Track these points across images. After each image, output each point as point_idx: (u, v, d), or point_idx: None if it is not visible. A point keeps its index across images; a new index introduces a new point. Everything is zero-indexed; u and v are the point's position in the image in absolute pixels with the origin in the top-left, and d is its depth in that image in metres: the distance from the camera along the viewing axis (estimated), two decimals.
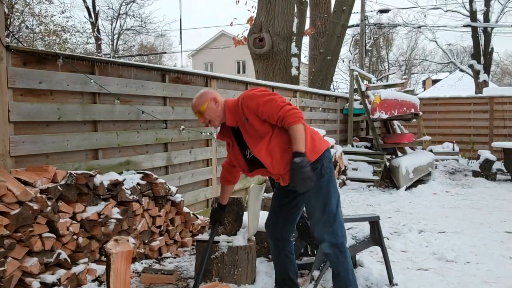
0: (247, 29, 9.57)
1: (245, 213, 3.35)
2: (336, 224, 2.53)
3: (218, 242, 3.14)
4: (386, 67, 32.05)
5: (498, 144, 9.02)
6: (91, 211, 3.17)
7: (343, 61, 20.80)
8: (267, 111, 2.43)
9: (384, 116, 7.76)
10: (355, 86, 8.06)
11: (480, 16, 17.63)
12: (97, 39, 24.61)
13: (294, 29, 8.74)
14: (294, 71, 8.66)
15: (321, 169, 2.51)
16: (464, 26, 18.09)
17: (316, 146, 2.53)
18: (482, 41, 17.39)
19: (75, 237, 3.05)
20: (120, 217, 3.35)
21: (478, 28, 17.27)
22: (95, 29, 24.35)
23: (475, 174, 8.82)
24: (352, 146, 8.67)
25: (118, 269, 2.28)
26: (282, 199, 2.77)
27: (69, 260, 2.95)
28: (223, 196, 2.99)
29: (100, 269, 3.15)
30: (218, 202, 3.01)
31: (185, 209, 4.11)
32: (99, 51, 23.96)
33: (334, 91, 16.02)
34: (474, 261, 3.82)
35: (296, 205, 2.77)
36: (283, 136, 2.47)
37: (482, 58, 17.21)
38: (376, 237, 3.37)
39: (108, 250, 2.30)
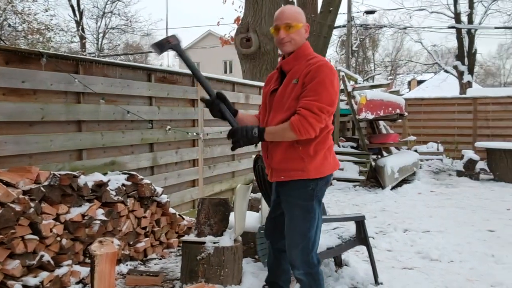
0: (234, 29, 9.57)
1: (232, 214, 3.34)
2: (313, 252, 2.35)
3: (204, 243, 3.12)
4: (372, 68, 32.36)
5: (481, 144, 9.17)
6: (75, 213, 3.12)
7: (330, 61, 20.92)
8: (307, 90, 2.16)
9: (370, 117, 7.82)
10: (342, 87, 8.10)
11: (464, 18, 17.93)
12: (82, 38, 24.32)
13: None
14: None
15: (314, 190, 2.28)
16: (449, 27, 18.37)
17: (324, 166, 2.28)
18: (466, 43, 17.69)
19: (58, 238, 3.00)
20: (105, 218, 3.32)
21: (462, 30, 17.55)
22: (80, 28, 24.05)
23: (459, 173, 8.96)
24: (339, 146, 8.72)
25: (102, 271, 2.25)
26: (276, 209, 2.54)
27: (52, 262, 2.90)
28: (246, 115, 2.56)
29: (84, 271, 3.10)
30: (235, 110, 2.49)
31: (171, 210, 4.08)
32: (83, 50, 23.68)
33: None
34: (458, 260, 3.87)
35: None
36: None
37: (466, 59, 17.50)
38: (361, 237, 3.40)
39: (92, 252, 2.27)
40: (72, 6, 24.24)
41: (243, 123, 2.43)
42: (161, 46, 2.44)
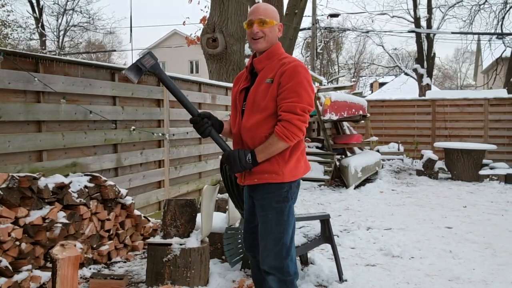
0: (200, 29, 9.50)
1: (199, 215, 3.33)
2: (288, 258, 2.24)
3: (170, 244, 3.09)
4: (336, 70, 32.99)
5: (440, 144, 9.54)
6: (35, 216, 3.02)
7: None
8: (287, 91, 2.11)
9: (334, 118, 7.97)
10: None
11: (423, 23, 18.59)
12: (42, 35, 23.46)
13: None
14: None
15: (288, 192, 2.24)
16: (409, 31, 19.00)
17: (297, 169, 2.26)
18: (425, 47, 18.34)
19: (17, 243, 2.89)
20: (67, 221, 3.22)
21: (422, 34, 18.20)
22: (39, 25, 23.19)
23: (419, 173, 9.28)
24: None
25: (65, 275, 2.19)
26: (251, 220, 2.42)
27: (10, 267, 2.78)
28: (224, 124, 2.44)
29: (45, 276, 3.00)
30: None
31: (136, 212, 4.01)
32: (43, 47, 22.83)
33: None
34: (418, 256, 4.02)
35: None
36: (274, 121, 2.18)
37: (425, 62, 18.14)
38: (326, 235, 3.46)
39: (54, 256, 2.20)
40: (30, 2, 23.32)
41: (225, 133, 2.41)
42: (138, 70, 2.24)
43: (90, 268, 3.47)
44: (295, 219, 2.34)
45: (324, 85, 11.15)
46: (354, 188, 7.64)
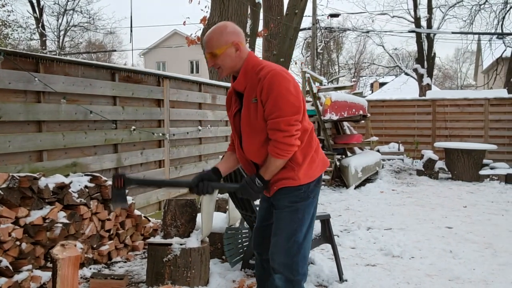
0: (200, 29, 9.51)
1: (199, 215, 3.33)
2: (298, 257, 2.17)
3: (170, 244, 3.09)
4: (337, 70, 32.98)
5: (440, 144, 9.53)
6: (35, 216, 3.02)
7: (296, 63, 21.17)
8: (268, 108, 2.04)
9: (335, 118, 7.97)
10: (307, 88, 8.22)
11: (423, 23, 18.57)
12: (42, 35, 23.45)
13: (248, 30, 8.78)
14: None
15: (306, 192, 2.20)
16: (409, 31, 18.97)
17: (313, 170, 2.21)
18: (425, 47, 18.32)
19: (18, 243, 2.89)
20: (67, 221, 3.22)
21: (422, 34, 18.18)
22: (40, 25, 23.18)
23: (419, 173, 9.28)
24: None
25: (65, 275, 2.19)
26: (267, 218, 2.38)
27: (11, 267, 2.79)
28: (224, 162, 2.36)
29: (46, 275, 3.00)
30: (214, 167, 2.32)
31: (136, 212, 4.02)
32: (44, 48, 22.82)
33: None
34: (418, 256, 4.01)
35: None
36: None
37: (425, 62, 18.12)
38: (327, 235, 3.46)
39: (54, 255, 2.20)
40: (31, 2, 23.31)
41: (230, 170, 2.39)
42: (120, 195, 2.18)
43: (90, 268, 3.48)
44: (313, 223, 2.29)
45: (325, 85, 11.14)
46: (355, 188, 7.64)
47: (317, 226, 3.56)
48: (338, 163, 8.09)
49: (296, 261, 2.17)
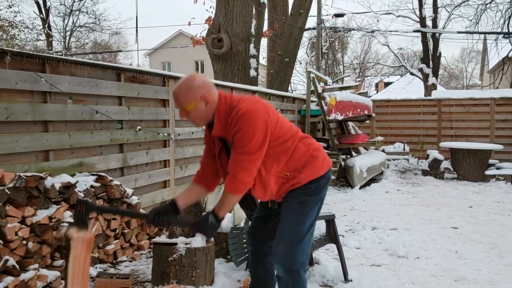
0: (205, 29, 9.52)
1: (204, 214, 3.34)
2: (299, 247, 2.24)
3: (175, 244, 3.10)
4: (341, 70, 32.88)
5: (446, 144, 9.49)
6: (42, 215, 3.05)
7: (301, 63, 21.14)
8: (236, 142, 2.10)
9: (340, 117, 7.96)
10: (312, 88, 8.22)
11: (429, 22, 18.49)
12: (48, 35, 23.59)
13: (253, 30, 8.79)
14: (252, 72, 8.70)
15: (313, 190, 2.28)
16: (414, 31, 18.90)
17: (317, 169, 2.27)
18: (431, 46, 18.23)
19: (24, 242, 2.92)
20: (73, 221, 3.24)
21: (427, 34, 18.10)
22: (46, 26, 23.32)
23: (424, 173, 9.24)
24: None
25: (78, 255, 2.17)
26: (270, 209, 2.44)
27: (17, 266, 2.81)
28: (185, 195, 2.39)
29: (52, 275, 3.03)
30: (172, 199, 2.34)
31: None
32: (50, 48, 22.96)
33: (292, 92, 16.26)
34: (423, 256, 4.00)
35: None
36: (270, 162, 2.19)
37: (431, 62, 18.04)
38: (331, 235, 3.46)
39: (69, 234, 2.20)
40: (37, 3, 23.46)
41: (191, 203, 2.47)
42: (82, 220, 2.25)
43: (96, 267, 3.50)
44: (317, 217, 2.38)
45: (329, 85, 11.13)
46: (359, 188, 7.63)
47: (322, 226, 3.56)
48: (343, 163, 8.08)
49: (296, 250, 2.24)
